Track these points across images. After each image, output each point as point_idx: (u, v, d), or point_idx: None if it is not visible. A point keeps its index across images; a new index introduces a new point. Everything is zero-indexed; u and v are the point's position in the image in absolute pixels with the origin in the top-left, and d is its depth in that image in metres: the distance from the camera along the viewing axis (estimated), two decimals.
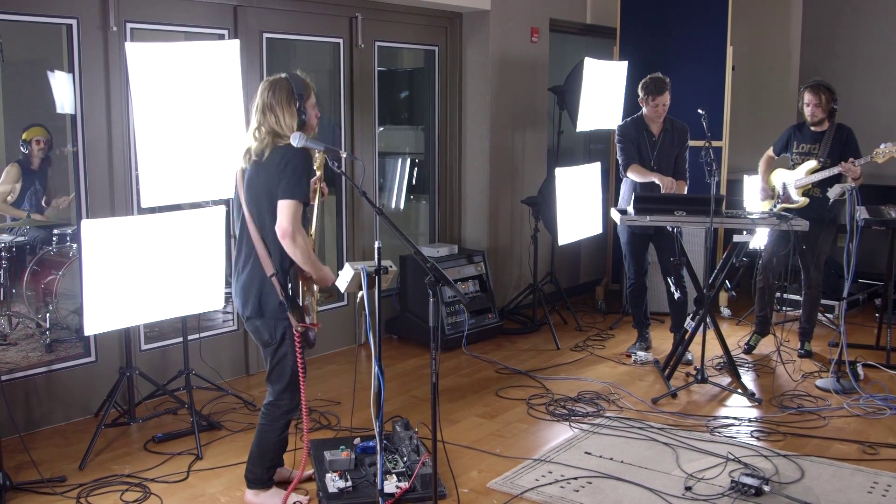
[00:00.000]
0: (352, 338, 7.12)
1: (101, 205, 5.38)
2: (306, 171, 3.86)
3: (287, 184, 3.79)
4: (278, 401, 4.10)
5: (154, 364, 5.69)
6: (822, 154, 6.26)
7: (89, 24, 5.23)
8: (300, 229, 3.81)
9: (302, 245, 3.82)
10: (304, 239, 3.83)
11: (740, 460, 4.66)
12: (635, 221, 5.94)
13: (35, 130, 5.84)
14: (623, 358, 6.71)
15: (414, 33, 7.48)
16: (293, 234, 3.78)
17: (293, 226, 3.78)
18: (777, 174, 6.58)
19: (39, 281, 5.67)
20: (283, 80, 3.95)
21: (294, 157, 3.83)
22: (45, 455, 4.80)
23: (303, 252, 3.84)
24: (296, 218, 3.79)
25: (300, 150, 3.84)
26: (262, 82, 4.02)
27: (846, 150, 6.27)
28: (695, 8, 8.05)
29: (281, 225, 3.79)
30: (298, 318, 3.90)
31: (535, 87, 8.16)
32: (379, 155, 7.30)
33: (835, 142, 6.28)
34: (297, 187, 3.80)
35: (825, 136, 6.30)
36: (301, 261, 3.86)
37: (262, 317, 3.99)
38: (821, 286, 6.61)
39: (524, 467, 4.65)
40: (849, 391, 5.76)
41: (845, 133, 6.32)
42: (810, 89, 6.32)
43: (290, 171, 3.80)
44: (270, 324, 3.99)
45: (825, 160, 6.24)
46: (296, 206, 3.79)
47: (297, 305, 3.90)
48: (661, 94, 6.31)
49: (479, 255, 7.44)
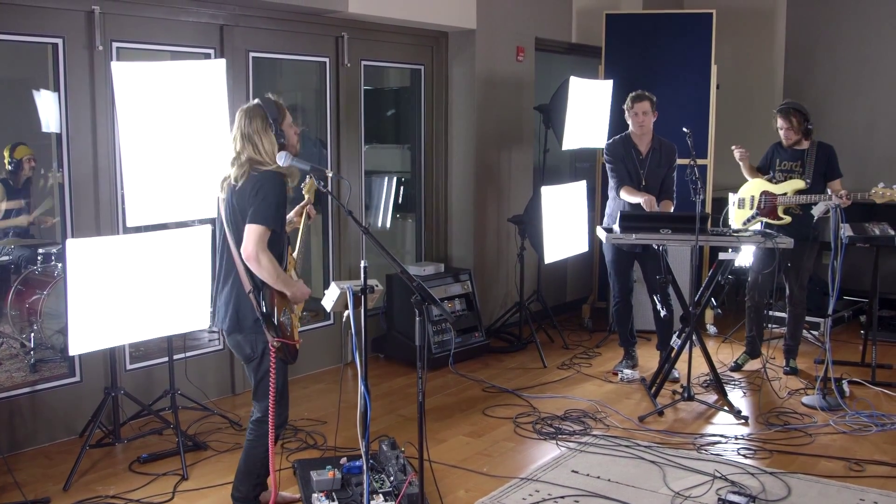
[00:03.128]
0: (338, 357, 7.10)
1: (87, 224, 5.37)
2: (277, 199, 3.89)
3: (256, 209, 3.84)
4: (265, 417, 4.09)
5: (139, 384, 5.66)
6: (807, 175, 6.30)
7: (75, 43, 5.23)
8: (264, 252, 3.84)
9: (267, 266, 3.85)
10: (269, 260, 3.85)
11: (727, 478, 4.66)
12: (621, 240, 5.96)
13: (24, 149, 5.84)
14: (610, 376, 6.71)
15: (400, 52, 7.50)
16: (257, 256, 3.83)
17: (256, 249, 3.82)
18: (756, 184, 6.56)
19: (24, 300, 5.65)
20: (255, 107, 4.00)
21: (266, 184, 3.88)
22: (28, 476, 4.76)
23: (269, 273, 3.87)
24: (260, 242, 3.83)
25: (274, 177, 3.90)
26: (238, 112, 4.05)
27: (829, 170, 6.32)
28: (679, 27, 8.11)
29: (246, 249, 3.85)
30: (273, 333, 3.91)
31: (521, 105, 8.19)
32: (365, 174, 7.31)
33: (818, 161, 6.32)
34: (265, 214, 3.85)
35: (807, 156, 6.34)
36: (269, 281, 3.89)
37: (242, 331, 4.01)
38: (804, 303, 6.64)
39: (511, 486, 4.64)
40: (835, 408, 5.77)
41: (827, 152, 6.37)
42: (781, 113, 6.37)
43: (262, 197, 3.85)
44: (251, 338, 4.01)
45: (810, 180, 6.28)
46: (261, 232, 3.83)
47: (271, 321, 3.91)
48: (640, 101, 6.38)
49: (465, 273, 7.44)
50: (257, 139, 3.94)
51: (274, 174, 3.91)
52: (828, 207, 6.04)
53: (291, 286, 3.99)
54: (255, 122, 3.95)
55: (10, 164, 5.91)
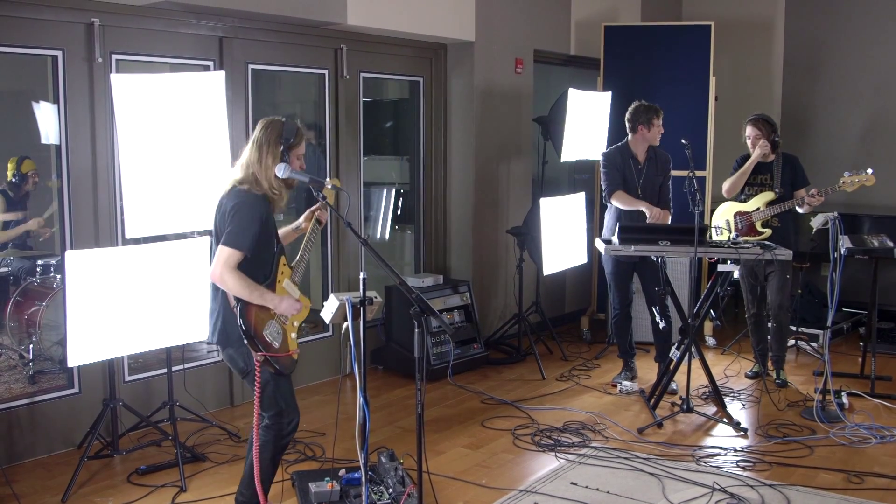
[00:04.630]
0: (336, 368, 7.10)
1: (86, 236, 5.37)
2: (252, 223, 3.89)
3: (230, 232, 3.87)
4: (275, 425, 4.09)
5: (138, 395, 5.65)
6: (776, 185, 6.35)
7: (75, 55, 5.25)
8: (231, 272, 3.84)
9: (234, 286, 3.86)
10: (235, 280, 3.85)
11: (726, 490, 4.66)
12: (620, 251, 5.96)
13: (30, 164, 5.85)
14: (608, 388, 6.71)
15: (399, 64, 7.52)
16: (221, 277, 3.85)
17: (222, 270, 3.84)
18: (727, 207, 6.62)
19: (23, 312, 5.64)
20: (277, 122, 4.04)
21: (244, 207, 3.90)
22: (27, 488, 4.76)
23: (238, 291, 3.87)
24: (226, 264, 3.84)
25: (255, 200, 3.91)
26: (261, 120, 4.09)
27: (796, 179, 6.43)
28: (678, 39, 8.14)
29: (213, 269, 3.89)
30: (255, 347, 3.90)
31: (520, 117, 8.20)
32: (364, 185, 7.32)
33: (784, 172, 6.40)
34: (238, 238, 3.86)
35: (774, 167, 6.40)
36: (243, 297, 3.89)
37: (232, 345, 4.01)
38: (788, 314, 6.64)
39: (510, 498, 4.63)
40: (834, 420, 5.77)
41: (792, 162, 6.46)
42: (751, 123, 6.45)
43: (237, 220, 3.88)
44: (242, 351, 4.00)
45: (780, 190, 6.33)
46: (229, 254, 3.85)
47: (251, 336, 3.90)
48: (660, 115, 6.43)
49: (464, 285, 7.44)
50: (265, 150, 3.96)
51: (254, 198, 3.92)
52: (827, 219, 6.05)
53: (273, 300, 3.97)
54: (271, 135, 3.98)
55: (14, 176, 5.93)
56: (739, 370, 7.07)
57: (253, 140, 4.01)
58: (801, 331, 7.79)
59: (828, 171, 7.64)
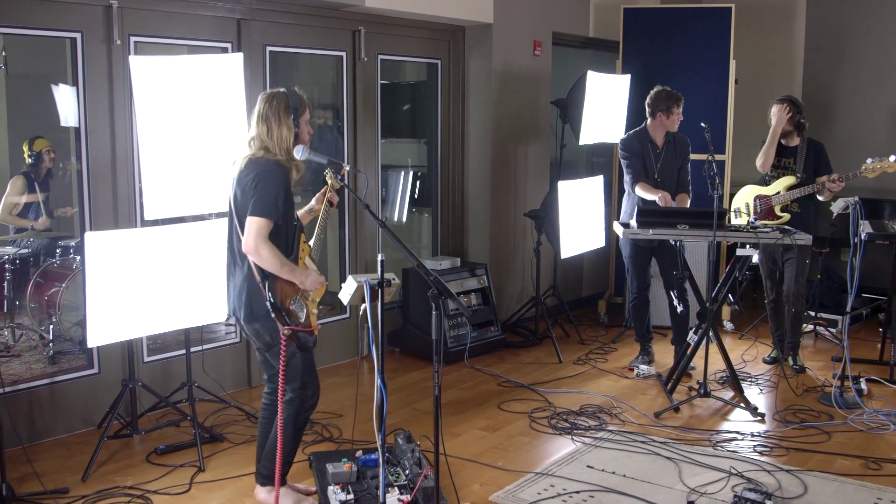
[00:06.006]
0: (354, 350, 7.12)
1: (105, 217, 5.40)
2: (277, 190, 3.90)
3: (256, 201, 3.87)
4: (298, 398, 4.12)
5: (156, 376, 5.69)
6: (798, 170, 6.29)
7: (93, 37, 5.26)
8: (265, 243, 3.86)
9: (268, 257, 3.87)
10: (269, 251, 3.87)
11: (743, 475, 4.65)
12: (638, 235, 5.94)
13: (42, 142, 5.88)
14: (625, 371, 6.70)
15: (417, 47, 7.50)
16: (256, 249, 3.86)
17: (256, 242, 3.85)
18: (748, 190, 6.58)
19: (43, 293, 5.69)
20: (280, 93, 4.04)
21: (266, 176, 3.91)
22: (47, 466, 4.80)
23: (270, 264, 3.89)
24: (260, 234, 3.85)
25: (275, 168, 3.92)
26: (260, 94, 4.09)
27: (819, 165, 6.35)
28: (697, 21, 8.07)
29: (246, 242, 3.89)
30: (283, 321, 3.92)
31: (538, 100, 8.18)
32: (382, 168, 7.31)
33: (808, 157, 6.33)
34: (265, 206, 3.87)
35: (798, 152, 6.34)
36: (273, 271, 3.91)
37: (258, 320, 4.04)
38: (804, 301, 6.60)
39: (526, 481, 4.64)
40: (852, 406, 5.74)
41: (817, 148, 6.38)
42: (779, 103, 6.37)
43: (261, 189, 3.88)
44: (269, 326, 4.02)
45: (801, 175, 6.28)
46: (262, 224, 3.85)
47: (279, 309, 3.92)
48: (681, 102, 6.39)
49: (481, 268, 7.44)
50: (274, 123, 3.97)
51: (275, 165, 3.93)
52: (847, 204, 6.00)
53: (300, 275, 4.00)
54: (277, 107, 3.98)
55: (30, 156, 5.96)
56: (757, 355, 7.05)
57: (258, 114, 4.00)
58: (820, 316, 7.74)
59: (850, 157, 7.55)
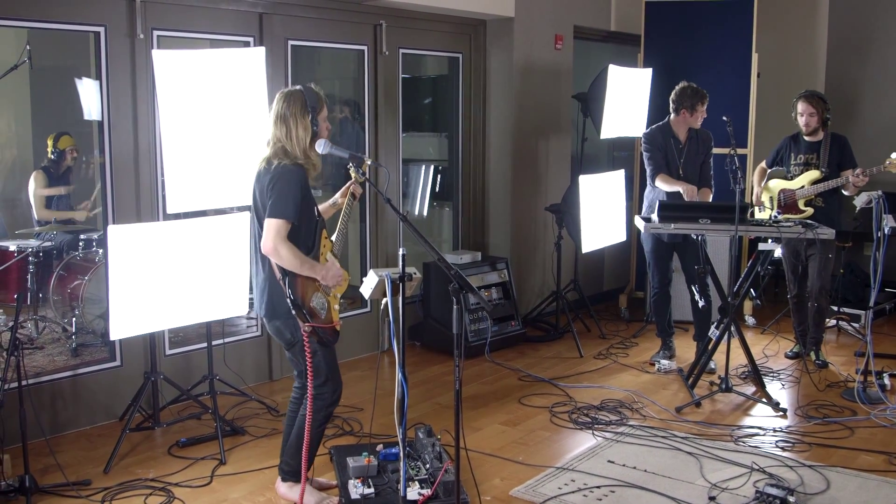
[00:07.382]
0: (375, 344, 7.13)
1: (128, 210, 5.42)
2: (294, 192, 3.91)
3: (274, 203, 3.88)
4: (320, 394, 4.13)
5: (178, 369, 5.72)
6: (822, 164, 6.26)
7: (117, 31, 5.28)
8: (283, 243, 3.87)
9: (287, 257, 3.88)
10: (288, 251, 3.88)
11: (765, 470, 4.63)
12: (660, 229, 5.92)
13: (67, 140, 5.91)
14: (647, 366, 6.68)
15: (438, 40, 7.49)
16: (275, 250, 3.87)
17: (275, 243, 3.86)
18: (774, 183, 6.54)
19: (66, 286, 5.73)
20: (297, 91, 4.04)
21: (283, 177, 3.91)
22: (70, 458, 4.84)
23: (290, 263, 3.90)
24: (278, 235, 3.86)
25: (293, 170, 3.92)
26: (278, 94, 4.08)
27: (843, 160, 6.31)
28: (719, 15, 8.02)
29: (265, 243, 3.90)
30: (303, 318, 3.93)
31: (559, 94, 8.15)
32: (403, 162, 7.31)
33: (832, 151, 6.31)
34: (282, 208, 3.88)
35: (822, 146, 6.31)
36: (294, 269, 3.92)
37: (279, 317, 4.06)
38: (828, 296, 6.55)
39: (547, 475, 4.64)
40: (875, 402, 5.71)
41: (840, 143, 6.35)
42: (804, 99, 6.35)
43: (278, 190, 3.89)
44: (290, 324, 4.04)
45: (825, 170, 6.24)
46: (279, 225, 3.86)
47: (299, 307, 3.93)
48: (706, 100, 6.36)
49: (502, 262, 7.43)
50: (292, 123, 3.97)
51: (292, 168, 3.93)
52: (870, 198, 5.96)
53: (321, 271, 4.01)
54: (294, 106, 3.98)
55: (52, 153, 6.00)
56: (779, 350, 7.01)
57: (276, 115, 4.00)
58: (843, 311, 7.69)
59: (874, 151, 7.48)
